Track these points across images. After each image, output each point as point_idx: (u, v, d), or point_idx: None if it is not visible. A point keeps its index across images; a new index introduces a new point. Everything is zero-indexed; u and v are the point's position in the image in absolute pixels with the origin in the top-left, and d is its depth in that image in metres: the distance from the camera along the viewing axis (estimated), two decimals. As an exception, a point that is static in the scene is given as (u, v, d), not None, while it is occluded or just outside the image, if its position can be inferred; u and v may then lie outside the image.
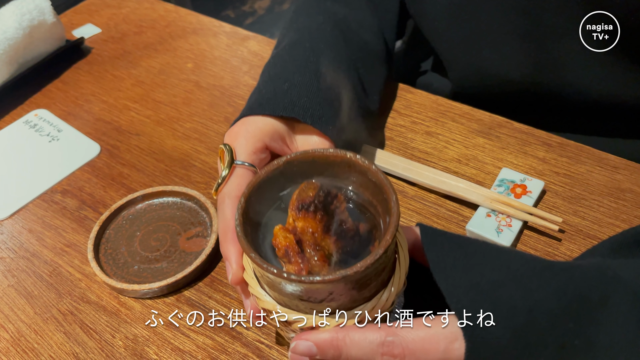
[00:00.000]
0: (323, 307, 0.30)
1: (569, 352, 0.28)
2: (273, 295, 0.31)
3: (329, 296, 0.29)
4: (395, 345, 0.28)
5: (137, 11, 0.68)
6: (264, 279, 0.30)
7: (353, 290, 0.29)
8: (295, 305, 0.30)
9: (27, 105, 0.57)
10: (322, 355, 0.29)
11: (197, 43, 0.62)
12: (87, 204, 0.47)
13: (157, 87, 0.58)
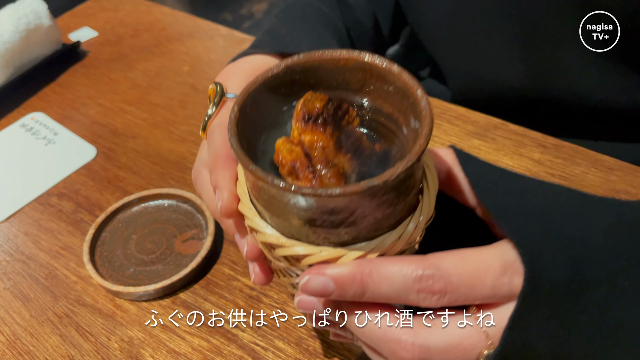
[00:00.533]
0: (339, 236, 0.25)
1: (619, 293, 0.24)
2: (276, 225, 0.26)
3: (348, 218, 0.23)
4: (436, 280, 0.24)
5: (133, 14, 0.68)
6: (266, 203, 0.25)
7: (377, 211, 0.24)
8: (304, 235, 0.25)
9: (23, 108, 0.57)
10: (341, 293, 0.25)
11: (193, 46, 0.62)
12: (83, 207, 0.47)
13: (153, 89, 0.58)
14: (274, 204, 0.24)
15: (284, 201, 0.23)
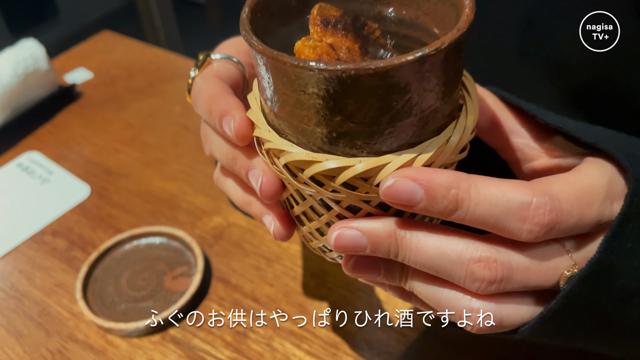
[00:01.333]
0: (378, 143, 0.21)
1: None
2: (302, 142, 0.23)
3: (391, 110, 0.20)
4: (548, 211, 0.21)
5: (127, 56, 0.71)
6: (291, 110, 0.22)
7: (423, 101, 0.21)
8: (336, 147, 0.22)
9: (19, 148, 0.59)
10: (428, 206, 0.21)
11: (185, 87, 0.65)
12: (77, 245, 0.48)
13: (145, 129, 0.60)
14: (301, 106, 0.21)
15: (314, 96, 0.20)
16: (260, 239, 0.47)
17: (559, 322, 0.23)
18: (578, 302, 0.23)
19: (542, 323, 0.23)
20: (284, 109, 0.22)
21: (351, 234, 0.23)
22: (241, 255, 0.46)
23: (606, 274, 0.22)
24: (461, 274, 0.22)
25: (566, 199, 0.22)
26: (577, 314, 0.23)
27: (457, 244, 0.22)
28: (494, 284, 0.22)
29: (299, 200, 0.25)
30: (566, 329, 0.24)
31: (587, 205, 0.22)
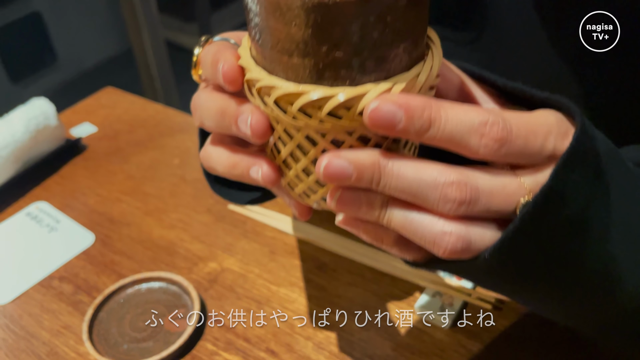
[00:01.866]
0: (360, 75, 0.24)
1: None
2: (291, 77, 0.25)
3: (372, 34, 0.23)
4: (501, 128, 0.25)
5: (129, 111, 0.76)
6: (282, 46, 0.24)
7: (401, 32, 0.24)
8: (325, 80, 0.24)
9: (28, 198, 0.63)
10: (407, 125, 0.24)
11: (183, 141, 0.70)
12: (82, 289, 0.52)
13: (146, 180, 0.65)
14: (291, 39, 0.24)
15: (304, 27, 0.23)
16: (251, 284, 0.52)
17: (515, 247, 0.26)
18: (532, 226, 0.26)
19: (502, 247, 0.26)
20: (275, 47, 0.25)
21: (339, 163, 0.25)
22: (234, 298, 0.51)
23: (556, 200, 0.26)
24: (435, 196, 0.25)
25: (516, 123, 0.25)
26: (531, 240, 0.26)
27: (432, 170, 0.25)
28: (463, 205, 0.25)
29: (286, 141, 0.28)
30: (522, 257, 0.27)
31: (533, 133, 0.25)
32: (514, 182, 0.26)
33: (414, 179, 0.25)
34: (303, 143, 0.27)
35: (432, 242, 0.26)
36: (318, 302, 0.50)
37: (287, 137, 0.27)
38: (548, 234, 0.27)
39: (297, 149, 0.27)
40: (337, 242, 0.55)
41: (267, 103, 0.26)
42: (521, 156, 0.26)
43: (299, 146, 0.27)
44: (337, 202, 0.27)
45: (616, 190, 0.28)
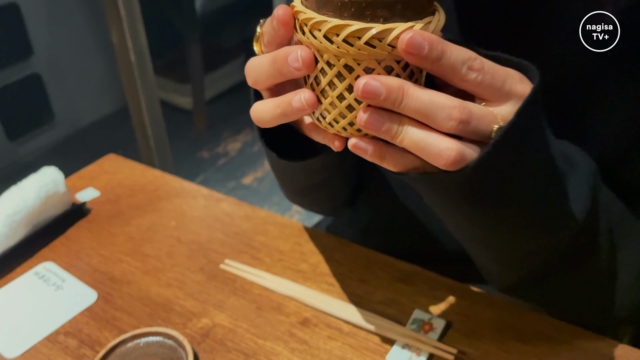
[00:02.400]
0: (388, 16, 0.33)
1: None
2: (337, 16, 0.33)
3: None
4: (482, 61, 0.34)
5: (130, 177, 0.83)
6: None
7: None
8: (365, 18, 0.33)
9: (36, 258, 0.69)
10: (429, 52, 0.32)
11: (179, 204, 0.77)
12: (86, 344, 0.58)
13: (145, 242, 0.71)
14: None
15: None
16: (240, 337, 0.57)
17: (491, 162, 0.35)
18: (505, 145, 0.35)
19: (482, 159, 0.35)
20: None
21: (374, 83, 0.33)
22: (224, 351, 0.56)
23: (521, 129, 0.35)
24: (443, 115, 0.34)
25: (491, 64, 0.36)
26: (502, 157, 0.36)
27: (441, 96, 0.34)
28: (462, 124, 0.34)
29: (327, 71, 0.35)
30: (494, 171, 0.36)
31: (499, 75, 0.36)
32: (491, 113, 0.36)
33: (428, 101, 0.34)
34: (342, 70, 0.35)
35: (437, 155, 0.35)
36: (301, 355, 0.55)
37: (328, 68, 0.35)
38: (514, 154, 0.37)
39: (336, 78, 0.35)
40: (318, 299, 0.61)
41: (316, 36, 0.34)
42: (498, 89, 0.36)
43: (337, 75, 0.35)
44: (366, 120, 0.35)
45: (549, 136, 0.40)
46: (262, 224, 0.73)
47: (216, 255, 0.68)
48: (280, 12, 0.36)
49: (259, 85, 0.40)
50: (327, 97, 0.37)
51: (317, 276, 0.64)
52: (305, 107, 0.37)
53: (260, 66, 0.39)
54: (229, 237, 0.71)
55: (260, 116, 0.40)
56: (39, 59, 2.31)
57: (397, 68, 0.35)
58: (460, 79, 0.35)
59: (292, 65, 0.36)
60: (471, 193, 0.38)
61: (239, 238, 0.71)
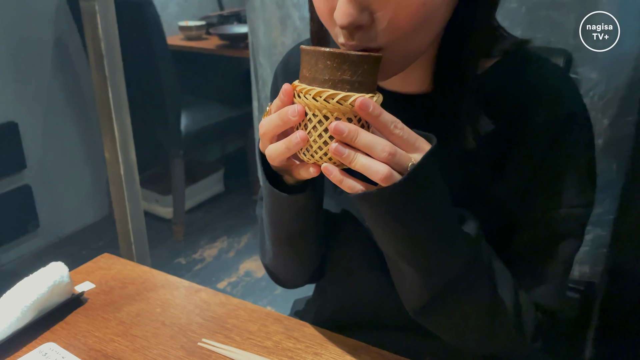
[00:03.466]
0: (353, 90, 0.54)
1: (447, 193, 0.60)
2: (321, 87, 0.54)
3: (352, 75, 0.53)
4: (401, 125, 0.55)
5: (122, 272, 0.97)
6: (318, 74, 0.54)
7: (363, 76, 0.54)
8: (337, 88, 0.53)
9: (40, 339, 0.81)
10: (374, 112, 0.53)
11: (164, 294, 0.91)
12: (83, 407, 0.68)
13: (134, 325, 0.84)
14: (324, 68, 0.53)
15: (331, 64, 0.53)
16: (214, 400, 0.69)
17: (408, 183, 0.54)
18: (414, 177, 0.54)
19: (402, 181, 0.54)
20: (316, 74, 0.54)
21: (341, 125, 0.53)
22: (200, 411, 0.67)
23: (425, 167, 0.54)
24: (380, 148, 0.53)
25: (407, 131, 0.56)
26: (414, 183, 0.54)
27: (379, 138, 0.54)
28: (390, 155, 0.53)
29: (312, 119, 0.55)
30: (412, 192, 0.55)
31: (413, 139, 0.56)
32: (408, 155, 0.55)
33: (372, 139, 0.54)
34: (322, 119, 0.55)
35: (375, 172, 0.53)
36: (263, 412, 0.67)
37: (313, 117, 0.55)
38: (421, 181, 0.55)
39: (318, 123, 0.55)
40: (279, 368, 0.73)
41: (307, 98, 0.55)
42: (407, 144, 0.55)
43: (319, 122, 0.55)
44: (335, 148, 0.54)
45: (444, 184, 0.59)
46: (235, 309, 0.87)
47: (194, 335, 0.81)
48: (286, 87, 0.56)
49: (267, 134, 0.59)
50: (311, 136, 0.56)
51: (280, 351, 0.77)
52: (300, 141, 0.56)
53: (270, 119, 0.58)
54: (206, 321, 0.84)
55: (271, 153, 0.59)
56: (31, 171, 2.48)
57: (354, 119, 0.55)
58: (389, 133, 0.54)
59: (291, 116, 0.55)
60: (394, 208, 0.56)
61: (215, 321, 0.84)
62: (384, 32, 0.56)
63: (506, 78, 0.68)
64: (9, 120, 2.35)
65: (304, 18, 1.48)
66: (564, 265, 0.69)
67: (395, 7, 0.55)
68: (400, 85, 0.70)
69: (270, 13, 1.56)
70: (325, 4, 0.58)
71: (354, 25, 0.56)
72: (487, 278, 0.65)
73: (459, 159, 0.67)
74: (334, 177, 0.56)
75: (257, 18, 1.62)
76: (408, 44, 0.59)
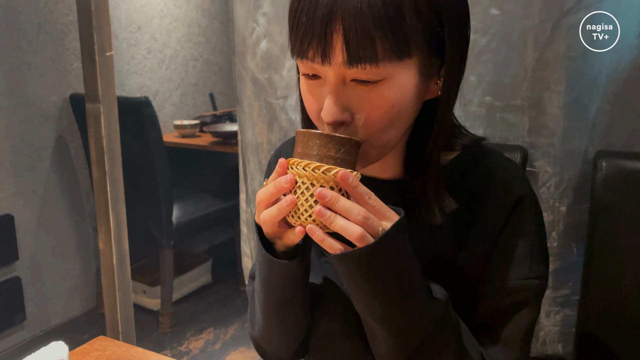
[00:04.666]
0: (336, 165, 0.63)
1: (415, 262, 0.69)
2: (309, 160, 0.64)
3: (335, 154, 0.64)
4: (374, 196, 0.66)
5: (117, 353, 1.02)
6: (309, 150, 0.64)
7: (342, 154, 0.64)
8: (323, 162, 0.63)
9: (37, 417, 0.84)
10: (353, 183, 0.63)
11: (156, 373, 0.95)
12: None
13: (128, 403, 0.88)
14: (312, 148, 0.64)
15: (318, 146, 0.64)
16: None
17: (378, 248, 0.63)
18: (385, 240, 0.63)
19: (374, 243, 0.63)
20: (307, 150, 0.65)
21: (325, 191, 0.62)
22: None
23: (394, 233, 0.64)
24: (356, 212, 0.63)
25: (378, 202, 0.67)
26: (384, 247, 0.63)
27: (356, 204, 0.63)
28: (364, 219, 0.63)
29: (301, 186, 0.64)
30: (382, 254, 0.64)
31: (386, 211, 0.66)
32: (380, 222, 0.65)
33: (349, 205, 0.63)
34: (309, 186, 0.64)
35: (351, 232, 0.62)
36: None
37: (302, 184, 0.64)
38: (391, 244, 0.64)
39: (305, 190, 0.64)
40: None
41: (298, 169, 0.64)
42: (379, 213, 0.65)
43: (306, 188, 0.64)
44: (319, 210, 0.63)
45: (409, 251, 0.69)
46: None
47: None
48: (282, 161, 0.66)
49: (263, 202, 0.68)
50: (299, 201, 0.65)
51: None
52: (289, 204, 0.65)
53: (266, 189, 0.67)
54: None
55: (265, 217, 0.68)
56: (22, 263, 2.52)
57: (335, 189, 0.64)
58: (364, 202, 0.64)
59: (284, 183, 0.65)
60: (368, 267, 0.64)
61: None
62: (362, 127, 0.68)
63: (466, 167, 0.81)
64: (5, 212, 2.42)
65: (289, 119, 1.63)
66: (523, 332, 0.77)
67: (370, 108, 0.66)
68: (377, 172, 0.82)
69: (258, 115, 1.71)
70: (314, 105, 0.71)
71: (337, 122, 0.67)
72: (456, 341, 0.72)
73: (428, 233, 0.78)
74: (317, 236, 0.64)
75: (246, 119, 1.78)
76: (382, 137, 0.70)
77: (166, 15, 3.22)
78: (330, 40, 0.63)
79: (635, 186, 1.12)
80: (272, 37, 1.62)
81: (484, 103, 1.27)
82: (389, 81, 0.66)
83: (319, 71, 0.68)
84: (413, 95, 0.69)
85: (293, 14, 0.66)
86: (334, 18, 0.62)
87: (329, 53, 0.64)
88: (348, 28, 0.61)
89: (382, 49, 0.63)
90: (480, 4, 1.18)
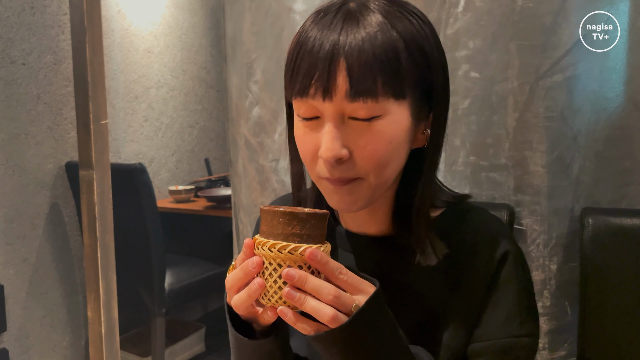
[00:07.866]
0: (299, 241, 0.62)
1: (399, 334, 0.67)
2: (275, 240, 0.62)
3: (301, 230, 0.62)
4: (345, 270, 0.64)
5: None
6: (273, 229, 0.63)
7: (312, 229, 0.63)
8: (289, 240, 0.61)
9: None
10: (323, 264, 0.62)
11: None
12: None
13: None
14: (277, 225, 0.62)
15: (283, 223, 0.62)
16: None
17: (352, 325, 0.61)
18: (359, 317, 0.61)
19: (348, 322, 0.61)
20: (272, 229, 0.63)
21: (292, 271, 0.61)
22: None
23: (369, 309, 0.62)
24: (326, 292, 0.61)
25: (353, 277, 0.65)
26: (359, 324, 0.61)
27: (326, 283, 0.61)
28: (335, 298, 0.61)
29: (269, 267, 0.63)
30: (354, 332, 0.61)
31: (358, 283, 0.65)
32: (352, 298, 0.63)
33: (319, 284, 0.61)
34: (276, 267, 0.62)
35: (323, 314, 0.61)
36: None
37: (269, 266, 0.63)
38: (367, 321, 0.62)
39: (273, 271, 0.63)
40: None
41: (264, 250, 0.63)
42: (352, 287, 0.64)
43: (274, 269, 0.62)
44: (287, 292, 0.62)
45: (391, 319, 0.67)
46: None
47: None
48: (247, 241, 0.65)
49: (233, 287, 0.67)
50: (268, 283, 0.63)
51: None
52: (258, 287, 0.63)
53: (234, 274, 0.66)
54: None
55: (236, 302, 0.66)
56: (10, 334, 2.45)
57: (304, 267, 0.63)
58: (335, 278, 0.63)
59: (251, 267, 0.64)
60: (345, 346, 0.62)
61: None
62: (360, 164, 0.68)
63: (453, 223, 0.82)
64: (-5, 282, 2.39)
65: (280, 181, 1.65)
66: None
67: (368, 144, 0.67)
68: (366, 228, 0.82)
69: (251, 177, 1.73)
70: (310, 146, 0.71)
71: (336, 159, 0.67)
72: None
73: (421, 280, 0.77)
74: (289, 319, 0.63)
75: (240, 182, 1.80)
76: (378, 175, 0.70)
77: (163, 85, 3.31)
78: (334, 75, 0.65)
79: (623, 242, 1.11)
80: (264, 103, 1.67)
81: (468, 163, 1.29)
82: (386, 117, 0.67)
83: (318, 109, 0.69)
84: (406, 136, 0.71)
85: (294, 57, 0.69)
86: (338, 56, 0.65)
87: (331, 89, 0.66)
88: (351, 63, 0.64)
89: (381, 85, 0.65)
90: (461, 68, 1.23)
